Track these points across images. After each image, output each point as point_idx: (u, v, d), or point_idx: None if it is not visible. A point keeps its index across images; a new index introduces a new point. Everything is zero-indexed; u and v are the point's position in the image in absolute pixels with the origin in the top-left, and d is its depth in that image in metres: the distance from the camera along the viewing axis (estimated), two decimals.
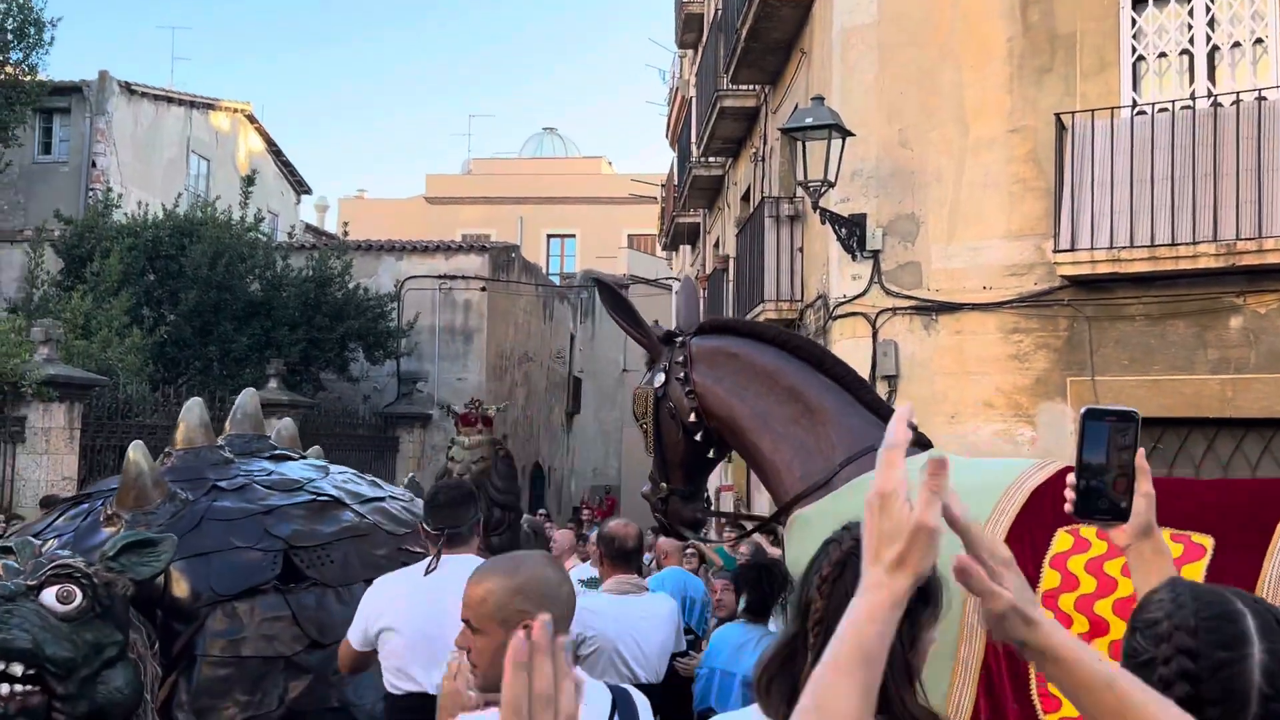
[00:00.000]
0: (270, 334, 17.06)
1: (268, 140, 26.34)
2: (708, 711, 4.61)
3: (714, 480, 9.70)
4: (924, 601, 1.79)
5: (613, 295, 4.35)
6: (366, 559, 3.83)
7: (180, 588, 3.37)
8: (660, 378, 4.13)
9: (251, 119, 25.66)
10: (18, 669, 2.75)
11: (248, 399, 4.64)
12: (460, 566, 3.76)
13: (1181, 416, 7.92)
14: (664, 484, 4.22)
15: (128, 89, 21.65)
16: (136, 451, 3.60)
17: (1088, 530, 2.85)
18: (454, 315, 21.02)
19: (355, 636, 3.61)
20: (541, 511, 15.92)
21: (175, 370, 16.41)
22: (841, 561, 1.81)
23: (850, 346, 8.66)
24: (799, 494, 3.63)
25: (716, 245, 17.93)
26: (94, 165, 20.90)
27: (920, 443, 3.69)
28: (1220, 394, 7.83)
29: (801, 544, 3.22)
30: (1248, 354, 7.76)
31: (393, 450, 18.37)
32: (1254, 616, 1.45)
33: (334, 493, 4.04)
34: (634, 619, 4.46)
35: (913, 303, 8.79)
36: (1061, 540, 2.94)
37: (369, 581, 3.66)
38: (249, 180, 19.53)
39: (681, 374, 4.05)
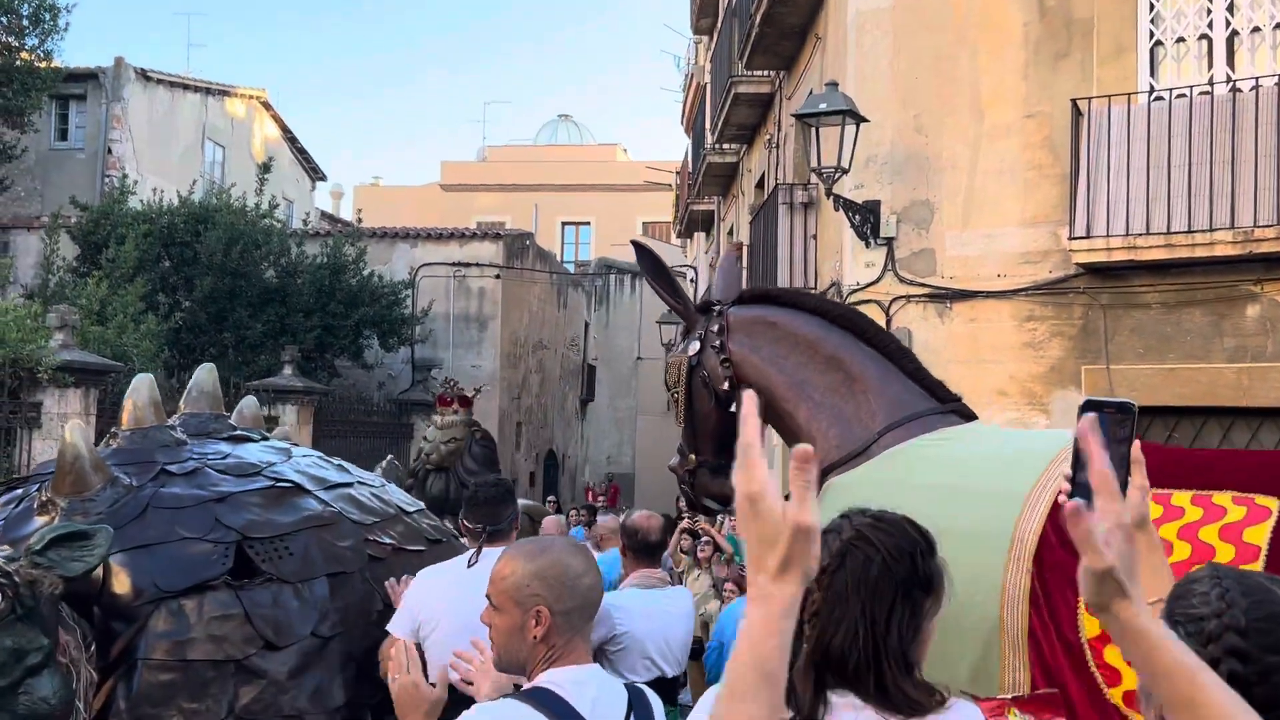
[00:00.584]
0: (285, 320, 17.12)
1: (283, 127, 26.38)
2: None
3: None
4: (925, 590, 1.77)
5: (651, 260, 4.29)
6: (329, 551, 3.44)
7: (121, 583, 2.98)
8: (695, 346, 4.05)
9: (267, 106, 25.70)
10: None
11: (205, 374, 4.18)
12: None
13: (1197, 405, 7.86)
14: (693, 456, 4.12)
15: (143, 76, 21.71)
16: (74, 433, 3.19)
17: (1180, 498, 2.78)
18: (468, 302, 21.04)
19: (402, 628, 3.72)
20: (551, 499, 15.94)
21: (190, 356, 16.47)
22: (841, 553, 1.78)
23: None
24: (834, 462, 3.55)
25: (731, 232, 17.88)
26: (110, 152, 20.97)
27: (964, 413, 3.63)
28: (1236, 383, 7.76)
29: (836, 511, 3.17)
30: (1264, 342, 7.69)
31: (407, 437, 18.41)
32: None
33: (295, 478, 3.66)
34: (660, 614, 4.37)
35: (926, 290, 8.74)
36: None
37: (333, 576, 3.36)
38: (265, 167, 19.57)
39: (717, 342, 3.97)
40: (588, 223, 36.73)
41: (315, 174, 28.18)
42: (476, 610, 3.70)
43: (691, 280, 25.18)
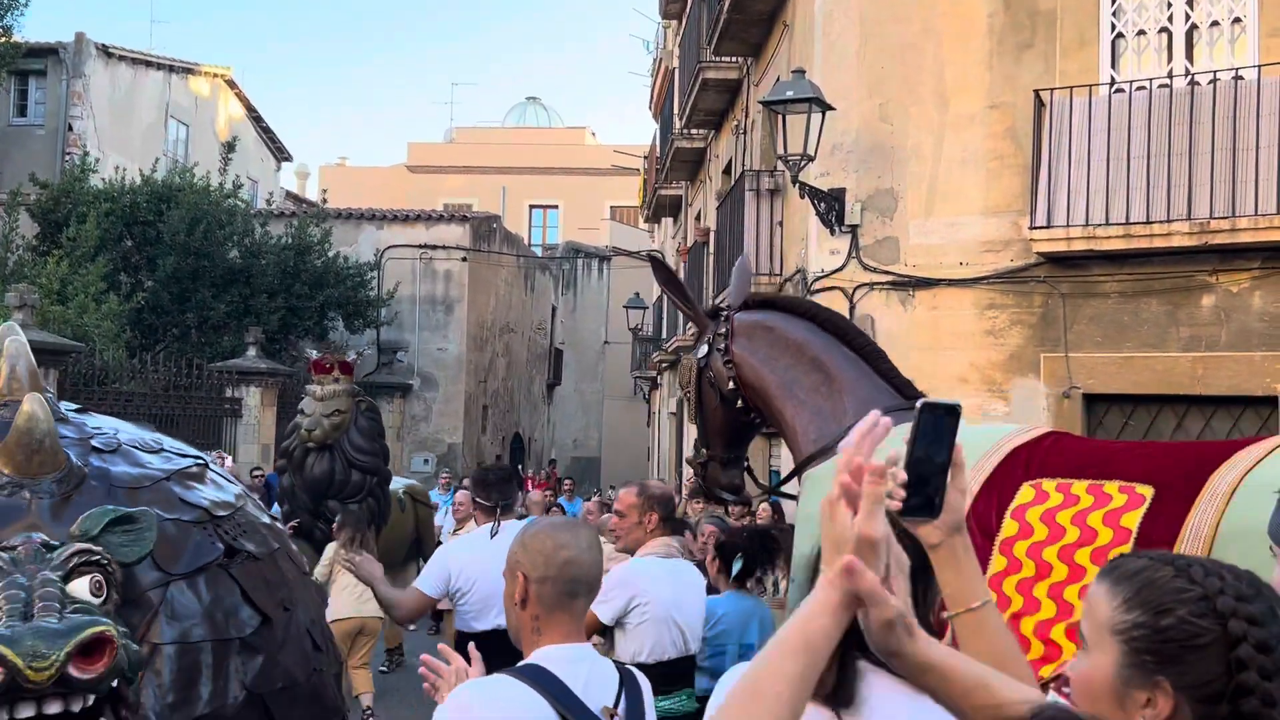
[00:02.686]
0: (249, 301, 17.00)
1: (248, 106, 26.09)
2: None
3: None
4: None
5: (665, 272, 4.75)
6: (266, 528, 3.29)
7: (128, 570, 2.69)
8: (704, 349, 4.50)
9: (232, 84, 25.41)
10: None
11: (13, 336, 3.15)
12: (517, 529, 4.33)
13: (1152, 393, 8.01)
14: (704, 450, 4.57)
15: (105, 51, 21.39)
16: (36, 404, 2.74)
17: (1079, 486, 3.01)
18: (435, 285, 20.97)
19: (434, 588, 4.47)
20: None
21: (152, 337, 16.36)
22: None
23: None
24: (810, 455, 3.98)
25: (698, 218, 17.91)
26: (70, 129, 20.67)
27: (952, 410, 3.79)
28: (1191, 371, 7.91)
29: (813, 501, 3.45)
30: (1219, 332, 7.84)
31: None
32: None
33: (194, 455, 3.36)
34: (683, 585, 4.22)
35: (890, 278, 8.83)
36: (1024, 493, 3.09)
37: (277, 551, 3.27)
38: (229, 146, 19.38)
39: (722, 346, 4.40)
40: (555, 206, 36.65)
41: (280, 154, 27.91)
42: (501, 577, 4.20)
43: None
